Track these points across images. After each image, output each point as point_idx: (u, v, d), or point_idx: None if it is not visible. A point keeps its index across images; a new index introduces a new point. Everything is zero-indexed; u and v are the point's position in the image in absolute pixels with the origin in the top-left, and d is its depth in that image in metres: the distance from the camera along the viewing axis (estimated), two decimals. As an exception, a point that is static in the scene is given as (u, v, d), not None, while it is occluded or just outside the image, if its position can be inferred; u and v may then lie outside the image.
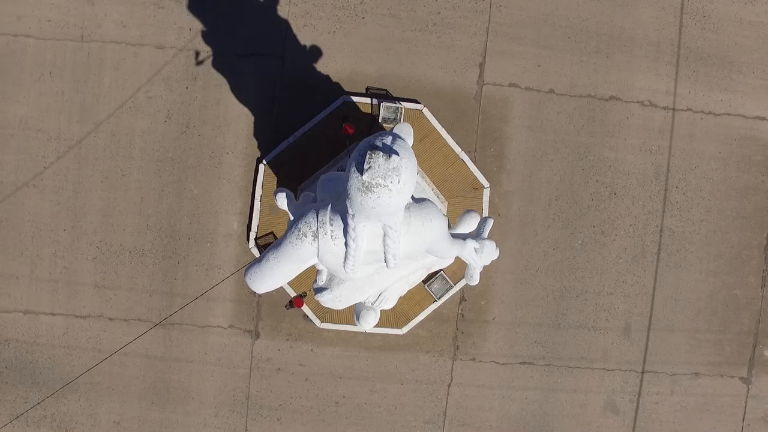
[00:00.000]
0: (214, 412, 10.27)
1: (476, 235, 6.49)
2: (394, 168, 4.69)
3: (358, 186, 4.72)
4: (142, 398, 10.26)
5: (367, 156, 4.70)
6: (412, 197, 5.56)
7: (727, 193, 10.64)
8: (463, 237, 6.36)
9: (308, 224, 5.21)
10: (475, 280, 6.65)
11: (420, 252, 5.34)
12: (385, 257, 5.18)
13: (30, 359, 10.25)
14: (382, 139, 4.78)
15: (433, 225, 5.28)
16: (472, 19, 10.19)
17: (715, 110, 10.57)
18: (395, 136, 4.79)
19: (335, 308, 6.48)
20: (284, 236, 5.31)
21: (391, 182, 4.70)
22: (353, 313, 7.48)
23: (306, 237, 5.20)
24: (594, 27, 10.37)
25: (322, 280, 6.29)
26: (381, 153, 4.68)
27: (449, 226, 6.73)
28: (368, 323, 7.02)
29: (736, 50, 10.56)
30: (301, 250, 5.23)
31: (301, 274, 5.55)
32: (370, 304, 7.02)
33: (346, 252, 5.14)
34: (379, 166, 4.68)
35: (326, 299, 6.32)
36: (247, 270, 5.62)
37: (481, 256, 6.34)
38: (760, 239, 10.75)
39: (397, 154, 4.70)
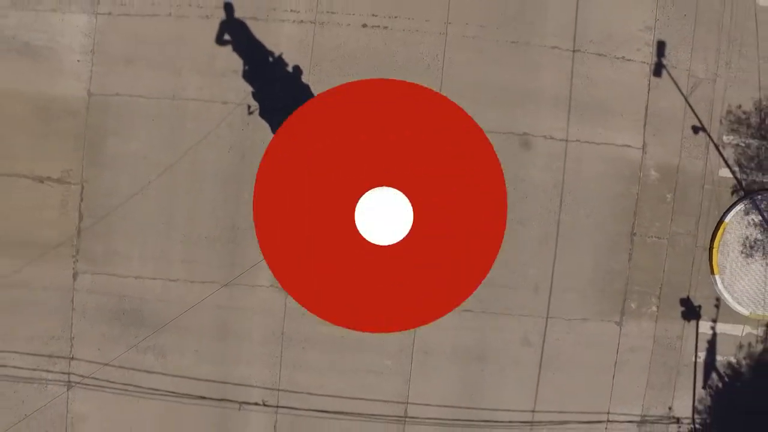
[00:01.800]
0: (260, 343, 15.50)
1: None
2: None
3: None
4: (213, 334, 15.51)
5: None
6: None
7: (604, 197, 15.76)
8: None
9: None
10: None
11: None
12: None
13: (139, 309, 15.50)
14: None
15: None
16: (429, 83, 15.38)
17: (595, 140, 15.69)
18: None
19: None
20: None
21: None
22: None
23: None
24: (512, 86, 15.51)
25: None
26: None
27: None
28: None
29: (610, 101, 15.67)
30: None
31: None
32: None
33: None
34: None
35: None
36: None
37: None
38: (627, 229, 15.86)
39: None
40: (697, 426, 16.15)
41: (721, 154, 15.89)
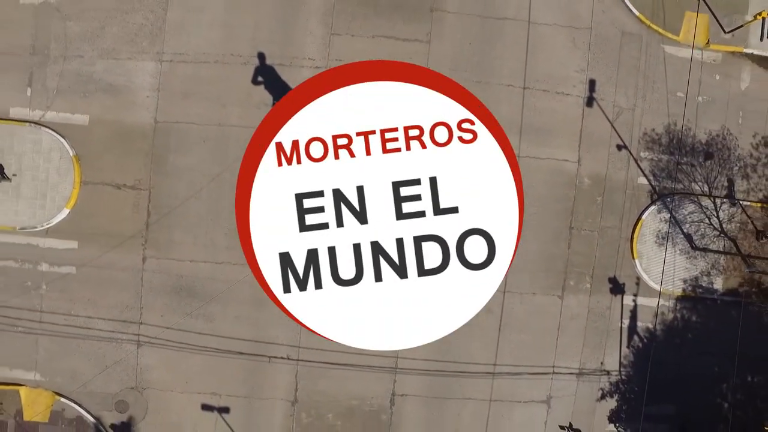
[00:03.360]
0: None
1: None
2: None
3: None
4: (250, 304, 20.26)
5: None
6: None
7: (548, 199, 20.51)
8: None
9: None
10: None
11: None
12: None
13: (192, 285, 20.28)
14: None
15: None
16: (414, 113, 20.15)
17: (541, 156, 20.47)
18: None
19: None
20: None
21: None
22: None
23: None
24: (477, 115, 20.27)
25: None
26: None
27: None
28: None
29: (552, 125, 20.44)
30: None
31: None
32: None
33: None
34: None
35: None
36: None
37: None
38: (566, 223, 20.59)
39: None
40: (623, 377, 20.79)
41: (639, 166, 20.65)
